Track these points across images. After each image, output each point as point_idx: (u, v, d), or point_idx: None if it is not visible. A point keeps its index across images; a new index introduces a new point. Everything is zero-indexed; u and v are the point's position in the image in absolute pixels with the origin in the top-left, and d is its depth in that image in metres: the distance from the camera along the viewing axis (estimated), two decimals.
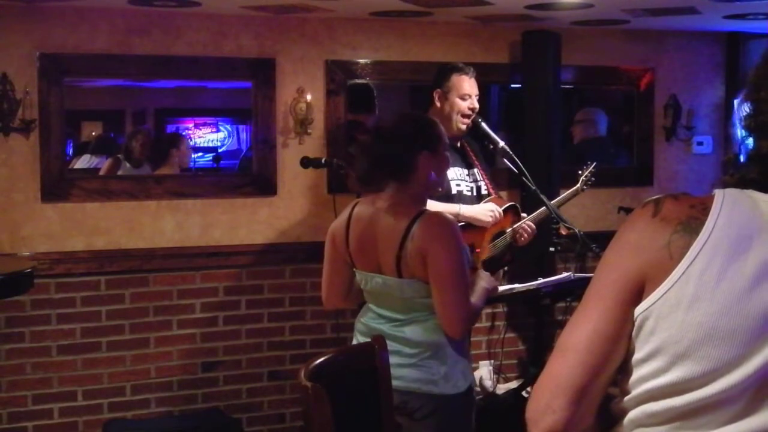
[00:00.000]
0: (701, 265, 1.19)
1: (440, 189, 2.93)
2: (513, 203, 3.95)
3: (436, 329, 2.70)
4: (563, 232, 4.21)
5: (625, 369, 1.27)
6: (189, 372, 4.45)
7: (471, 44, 4.84)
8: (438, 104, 3.79)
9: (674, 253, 1.21)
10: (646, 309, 1.22)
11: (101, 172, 5.60)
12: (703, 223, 1.21)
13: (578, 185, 4.05)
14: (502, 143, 3.89)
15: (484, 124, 3.88)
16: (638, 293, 1.24)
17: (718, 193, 1.24)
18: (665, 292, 1.21)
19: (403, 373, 2.65)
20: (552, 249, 4.71)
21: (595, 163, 4.09)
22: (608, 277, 1.27)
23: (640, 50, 5.22)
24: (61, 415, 4.24)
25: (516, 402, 4.50)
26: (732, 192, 1.24)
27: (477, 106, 3.83)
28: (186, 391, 4.45)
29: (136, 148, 5.53)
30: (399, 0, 4.05)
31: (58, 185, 4.19)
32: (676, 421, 1.22)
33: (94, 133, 7.42)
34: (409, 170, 2.69)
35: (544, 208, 3.85)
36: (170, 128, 7.79)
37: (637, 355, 1.25)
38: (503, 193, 4.57)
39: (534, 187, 3.83)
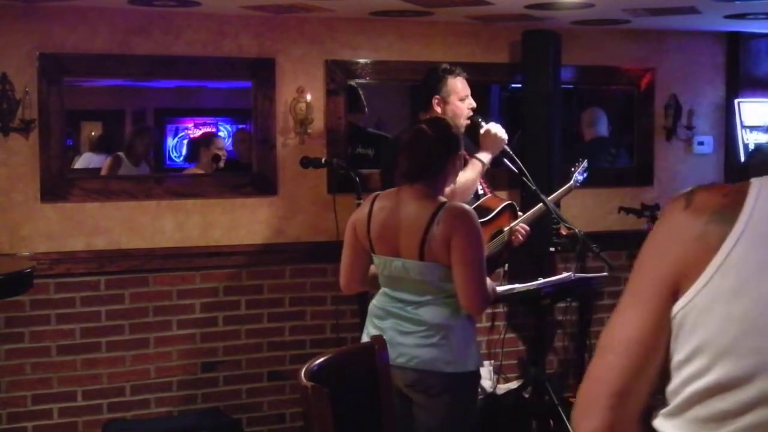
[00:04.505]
0: (740, 254, 1.13)
1: (454, 184, 3.24)
2: (510, 202, 3.94)
3: (450, 312, 2.93)
4: (563, 232, 4.21)
5: (665, 377, 1.21)
6: (189, 372, 4.45)
7: (471, 44, 4.84)
8: (438, 110, 3.77)
9: (710, 244, 1.15)
10: (685, 306, 1.16)
11: (102, 171, 5.60)
12: (738, 212, 1.15)
13: (571, 182, 4.09)
14: None
15: (484, 124, 3.87)
16: (674, 292, 1.18)
17: (755, 182, 1.18)
18: (704, 286, 1.15)
19: (419, 353, 2.90)
20: (552, 249, 4.71)
21: (586, 161, 4.15)
22: (643, 277, 1.22)
23: (640, 50, 5.21)
24: (60, 415, 4.23)
25: (516, 402, 4.50)
26: None
27: (475, 104, 3.85)
28: (186, 391, 4.44)
29: (139, 147, 5.53)
30: (399, 0, 4.05)
31: (58, 185, 4.19)
32: (724, 424, 1.15)
33: (93, 133, 7.43)
34: (442, 169, 3.00)
35: (537, 207, 3.86)
36: (170, 128, 7.78)
37: (678, 357, 1.18)
38: (503, 193, 4.56)
39: (534, 187, 3.83)
